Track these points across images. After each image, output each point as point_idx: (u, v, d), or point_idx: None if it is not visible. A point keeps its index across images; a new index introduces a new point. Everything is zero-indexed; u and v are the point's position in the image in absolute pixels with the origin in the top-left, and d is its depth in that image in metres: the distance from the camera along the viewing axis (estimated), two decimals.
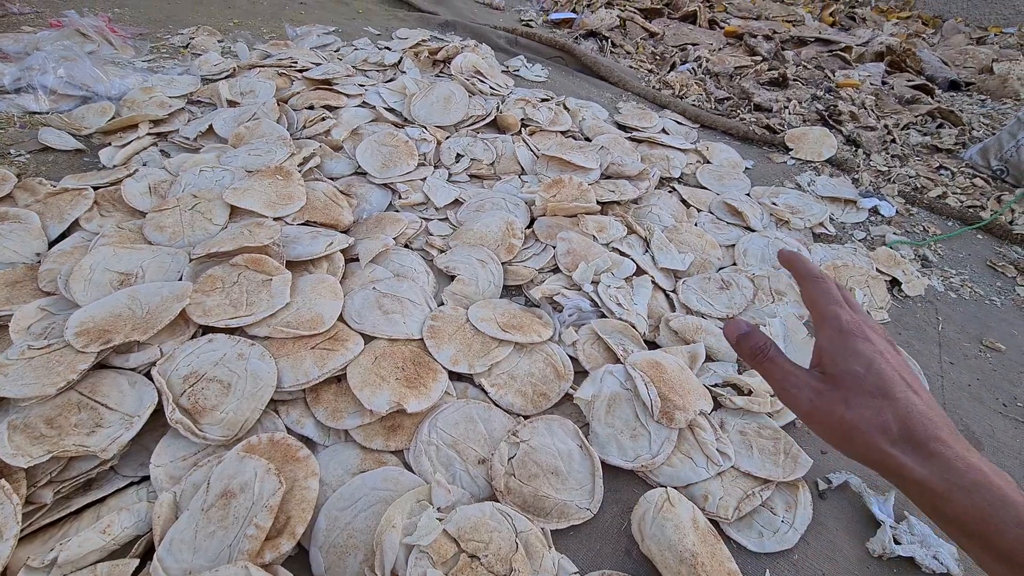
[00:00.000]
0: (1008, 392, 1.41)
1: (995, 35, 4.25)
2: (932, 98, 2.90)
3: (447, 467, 1.02)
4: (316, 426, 1.05)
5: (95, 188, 1.51)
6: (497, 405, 1.15)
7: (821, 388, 0.47)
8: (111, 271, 1.22)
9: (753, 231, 1.78)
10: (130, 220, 1.43)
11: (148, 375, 1.05)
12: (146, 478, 0.96)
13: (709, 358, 1.36)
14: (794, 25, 3.84)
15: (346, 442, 1.05)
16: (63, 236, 1.39)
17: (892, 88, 2.94)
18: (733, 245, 1.72)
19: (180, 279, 1.23)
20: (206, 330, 1.14)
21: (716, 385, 1.28)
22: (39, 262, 1.29)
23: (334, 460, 1.01)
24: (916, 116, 2.61)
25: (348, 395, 1.07)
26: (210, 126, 1.84)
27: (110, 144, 1.76)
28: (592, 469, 1.05)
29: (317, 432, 1.05)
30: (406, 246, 1.53)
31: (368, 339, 1.18)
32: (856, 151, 2.33)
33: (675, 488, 1.06)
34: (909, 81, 3.07)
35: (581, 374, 1.24)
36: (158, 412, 0.99)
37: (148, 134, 1.81)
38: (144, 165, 1.67)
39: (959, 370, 1.46)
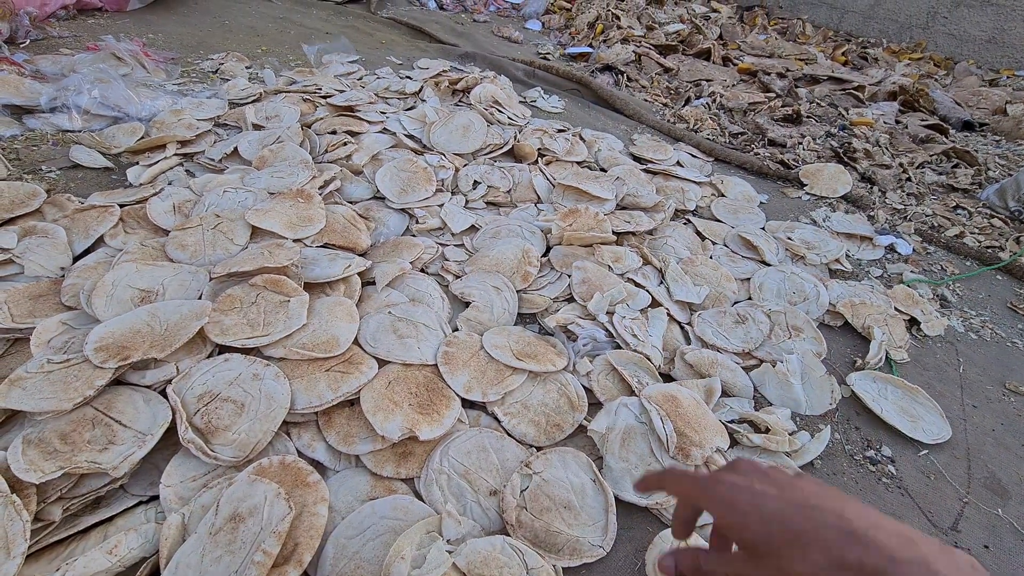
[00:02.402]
0: None
1: (1007, 78, 4.29)
2: (946, 138, 2.91)
3: (458, 497, 1.00)
4: (327, 450, 1.04)
5: (121, 206, 1.54)
6: (510, 435, 1.13)
7: None
8: (133, 287, 1.23)
9: (769, 265, 1.77)
10: (153, 238, 1.45)
11: (163, 392, 1.05)
12: (155, 497, 0.95)
13: (725, 393, 1.34)
14: (807, 63, 3.90)
15: (357, 468, 1.03)
16: (88, 252, 1.42)
17: (906, 127, 2.96)
18: (748, 279, 1.71)
19: (200, 297, 1.25)
20: (223, 349, 1.15)
21: (732, 421, 1.25)
22: (63, 276, 1.31)
23: (344, 486, 1.00)
24: (931, 155, 2.62)
25: (360, 419, 1.06)
26: (235, 148, 1.89)
27: (138, 163, 1.81)
28: (606, 505, 1.03)
29: (328, 456, 1.04)
30: (422, 271, 1.54)
31: (382, 363, 1.18)
32: (871, 188, 2.34)
33: None
34: (923, 120, 3.09)
35: (595, 405, 1.23)
36: (171, 430, 0.99)
37: (175, 154, 1.86)
38: (170, 184, 1.71)
39: (983, 414, 1.42)
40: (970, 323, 1.75)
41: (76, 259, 1.40)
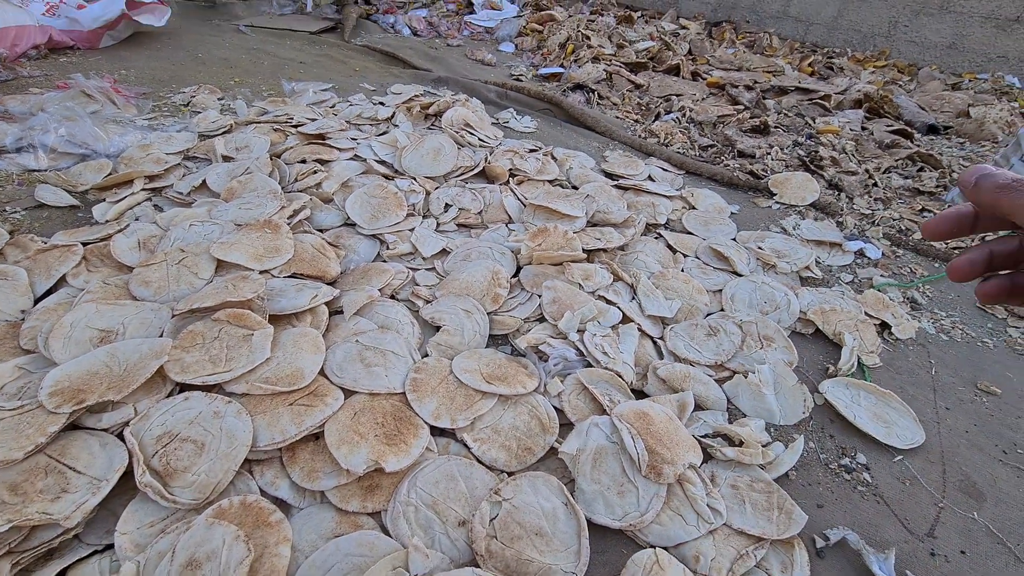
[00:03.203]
0: (1007, 438, 1.37)
1: (969, 81, 4.42)
2: (911, 142, 2.97)
3: (426, 530, 0.98)
4: (291, 487, 1.02)
5: (85, 244, 1.53)
6: (480, 461, 1.11)
7: None
8: (92, 328, 1.21)
9: (740, 276, 1.79)
10: (117, 275, 1.43)
11: (121, 435, 1.02)
12: (111, 546, 0.92)
13: (699, 406, 1.34)
14: (774, 75, 4.00)
15: (322, 504, 1.01)
16: (50, 292, 1.40)
17: (872, 134, 3.03)
18: (720, 290, 1.72)
19: (161, 335, 1.23)
20: (185, 387, 1.13)
21: (706, 436, 1.25)
22: (23, 319, 1.28)
23: (308, 524, 0.97)
24: (896, 160, 2.68)
25: (325, 453, 1.04)
26: (204, 181, 1.88)
27: (104, 200, 1.80)
28: (578, 529, 1.01)
29: (292, 494, 1.01)
30: (392, 297, 1.53)
31: (349, 393, 1.16)
32: (839, 195, 2.38)
33: (665, 548, 1.02)
34: (888, 126, 3.17)
35: (567, 426, 1.22)
36: (128, 474, 0.97)
37: (143, 189, 1.85)
38: (136, 220, 1.69)
39: (956, 416, 1.43)
40: (940, 324, 1.76)
41: (38, 301, 1.37)
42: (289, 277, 1.48)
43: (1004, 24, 4.36)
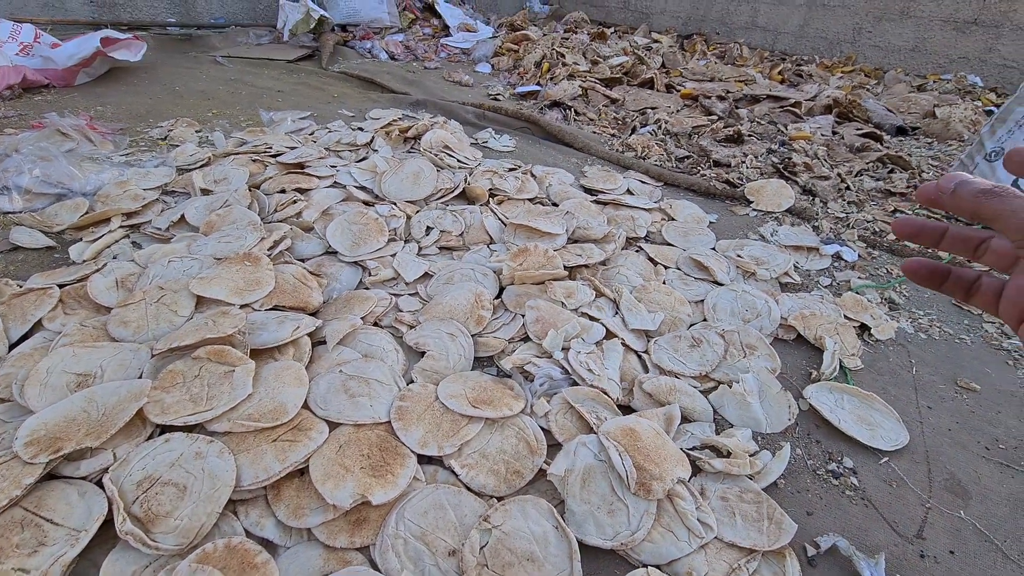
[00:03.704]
0: (989, 434, 1.39)
1: (934, 82, 4.56)
2: (881, 144, 3.05)
3: (416, 562, 0.97)
4: (277, 526, 1.00)
5: (61, 286, 1.51)
6: (468, 488, 1.11)
7: None
8: (69, 373, 1.19)
9: (721, 285, 1.81)
10: (95, 317, 1.42)
11: (100, 482, 1.00)
12: None
13: (685, 419, 1.35)
14: (746, 84, 4.09)
15: (309, 541, 1.00)
16: (26, 337, 1.37)
17: (842, 138, 3.11)
18: (702, 300, 1.74)
19: (141, 376, 1.21)
20: (165, 428, 1.11)
21: (694, 448, 1.25)
22: None
23: (295, 563, 0.96)
24: (867, 163, 2.74)
25: (311, 489, 1.03)
26: (182, 215, 1.88)
27: (81, 239, 1.78)
28: (570, 552, 1.01)
29: (278, 533, 1.00)
30: (376, 324, 1.53)
31: (333, 425, 1.15)
32: (813, 200, 2.43)
33: (658, 567, 1.01)
34: (858, 130, 3.25)
35: (555, 447, 1.21)
36: (109, 523, 0.95)
37: (120, 227, 1.84)
38: (114, 259, 1.68)
39: (938, 414, 1.45)
40: (919, 323, 1.80)
41: (13, 346, 1.35)
42: (271, 310, 1.48)
43: (962, 26, 4.52)
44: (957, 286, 0.44)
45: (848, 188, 2.51)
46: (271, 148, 2.39)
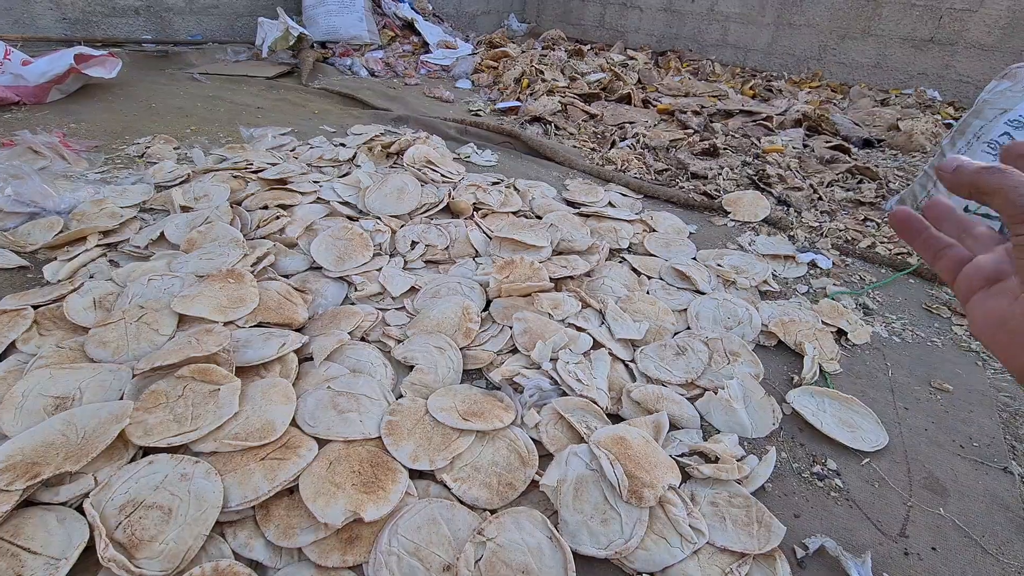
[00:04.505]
0: (963, 432, 1.44)
1: (896, 96, 4.77)
2: (849, 156, 3.17)
3: None
4: (266, 547, 0.98)
5: (36, 307, 1.46)
6: (461, 501, 1.10)
7: None
8: (46, 396, 1.16)
9: (703, 294, 1.85)
10: (72, 338, 1.38)
11: (81, 508, 0.97)
12: None
13: (673, 426, 1.36)
14: (719, 99, 4.22)
15: (300, 562, 0.98)
16: (0, 359, 1.33)
17: (813, 150, 3.22)
18: (685, 309, 1.77)
19: (122, 397, 1.18)
20: (148, 450, 1.08)
21: (683, 455, 1.27)
22: None
23: None
24: (837, 174, 2.85)
25: (301, 508, 1.01)
26: (162, 233, 1.85)
27: (56, 259, 1.74)
28: (564, 562, 1.01)
29: (268, 554, 0.98)
30: (363, 339, 1.52)
31: (323, 442, 1.14)
32: (788, 210, 2.50)
33: (652, 574, 1.02)
34: (827, 142, 3.37)
35: (546, 457, 1.22)
36: (90, 549, 0.91)
37: (97, 245, 1.80)
38: (91, 278, 1.64)
39: (914, 415, 1.50)
40: (892, 327, 1.86)
41: None
42: (255, 327, 1.46)
43: (920, 44, 4.75)
44: (927, 245, 0.45)
45: (820, 198, 2.60)
46: (252, 164, 2.37)
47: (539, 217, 2.26)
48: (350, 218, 2.05)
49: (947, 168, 0.40)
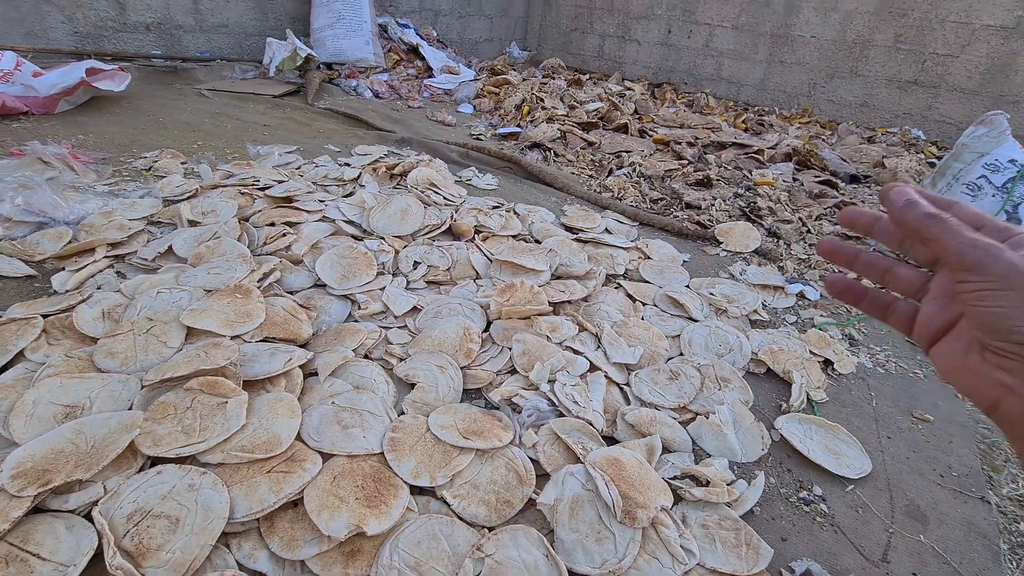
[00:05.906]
0: (943, 462, 1.50)
1: (882, 135, 4.95)
2: (837, 191, 3.29)
3: None
4: (270, 559, 1.00)
5: (45, 316, 1.49)
6: (460, 518, 1.13)
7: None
8: (56, 404, 1.18)
9: (695, 321, 1.91)
10: (80, 347, 1.40)
11: (90, 516, 0.99)
12: None
13: (666, 449, 1.41)
14: (713, 132, 4.36)
15: (303, 573, 1.00)
16: (6, 368, 1.35)
17: (802, 184, 3.34)
18: (678, 335, 1.83)
19: (131, 408, 1.21)
20: (156, 461, 1.11)
21: (675, 478, 1.31)
22: None
23: None
24: (825, 208, 2.95)
25: (305, 520, 1.04)
26: (170, 246, 1.88)
27: (63, 269, 1.77)
28: None
29: (271, 566, 1.00)
30: (366, 356, 1.56)
31: (327, 457, 1.17)
32: (778, 242, 2.59)
33: None
34: (816, 177, 3.50)
35: (543, 477, 1.25)
36: (98, 557, 0.93)
37: (105, 257, 1.83)
38: (99, 289, 1.67)
39: (897, 444, 1.55)
40: (876, 358, 1.93)
41: None
42: (261, 341, 1.49)
43: (904, 85, 4.96)
44: (874, 306, 0.46)
45: (809, 231, 2.69)
46: (259, 181, 2.42)
47: (538, 241, 2.33)
48: (355, 237, 2.10)
49: (896, 201, 0.41)
